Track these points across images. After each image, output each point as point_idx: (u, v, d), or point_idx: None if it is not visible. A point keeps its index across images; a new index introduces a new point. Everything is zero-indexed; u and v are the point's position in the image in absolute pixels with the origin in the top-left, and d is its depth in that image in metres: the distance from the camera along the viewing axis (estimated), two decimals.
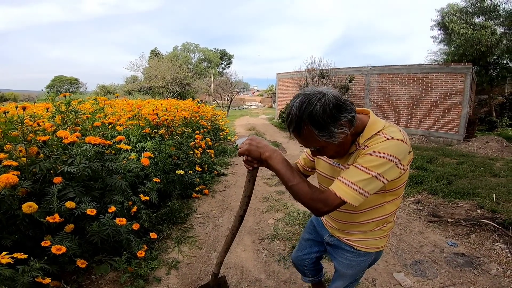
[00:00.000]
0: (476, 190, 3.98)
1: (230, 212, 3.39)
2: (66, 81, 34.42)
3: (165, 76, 20.28)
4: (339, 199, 0.88)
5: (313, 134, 0.87)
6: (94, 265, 2.08)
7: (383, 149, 0.87)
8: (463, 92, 8.53)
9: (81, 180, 2.22)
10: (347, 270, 1.20)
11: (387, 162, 0.86)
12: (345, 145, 0.97)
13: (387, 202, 1.05)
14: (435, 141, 9.08)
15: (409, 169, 1.03)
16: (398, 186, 1.02)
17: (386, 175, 0.88)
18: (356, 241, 1.14)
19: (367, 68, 10.60)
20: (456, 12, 12.16)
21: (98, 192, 2.27)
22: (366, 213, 1.06)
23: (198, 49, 34.73)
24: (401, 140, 0.90)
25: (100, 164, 2.26)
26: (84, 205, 1.93)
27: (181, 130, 4.24)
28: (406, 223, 3.13)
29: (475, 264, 2.31)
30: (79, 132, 2.48)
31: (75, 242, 1.84)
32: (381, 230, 1.11)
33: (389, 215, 1.08)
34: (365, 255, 1.15)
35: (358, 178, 0.87)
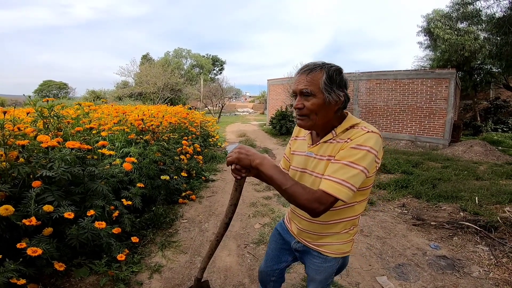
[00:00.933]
0: (459, 193, 4.06)
1: (216, 217, 3.37)
2: (55, 86, 33.90)
3: (156, 82, 20.17)
4: (332, 197, 0.89)
5: (320, 79, 0.95)
6: (74, 268, 2.06)
7: (365, 142, 0.92)
8: (448, 97, 8.75)
9: (61, 185, 2.19)
10: (316, 276, 1.20)
11: (369, 154, 0.90)
12: (326, 117, 1.00)
13: (357, 203, 1.06)
14: (421, 146, 9.26)
15: (395, 174, 1.04)
16: (369, 185, 1.05)
17: (369, 168, 0.91)
18: (323, 246, 1.14)
19: (355, 74, 10.79)
20: (441, 17, 12.42)
21: (79, 196, 2.26)
22: (337, 212, 1.06)
23: (190, 55, 34.74)
24: (378, 134, 0.95)
25: (80, 169, 2.23)
26: (62, 209, 1.92)
27: (168, 136, 4.21)
28: (390, 226, 3.17)
29: (457, 266, 2.34)
30: (61, 137, 2.45)
31: (53, 245, 1.83)
32: (347, 234, 1.12)
33: (356, 217, 1.10)
34: (332, 261, 1.15)
35: (349, 175, 0.89)
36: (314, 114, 0.99)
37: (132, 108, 5.89)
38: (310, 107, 0.97)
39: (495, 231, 2.86)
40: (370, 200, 3.96)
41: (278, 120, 11.80)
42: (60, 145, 2.17)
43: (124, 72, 23.22)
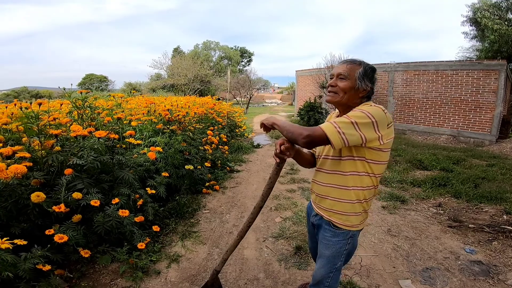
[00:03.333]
0: (504, 195, 3.67)
1: (238, 208, 3.38)
2: (96, 79, 36.24)
3: (186, 74, 20.68)
4: (321, 129, 1.08)
5: (357, 70, 1.20)
6: (99, 255, 2.15)
7: (364, 108, 1.13)
8: (497, 90, 7.90)
9: (92, 173, 2.31)
10: (324, 251, 1.32)
11: (364, 116, 1.08)
12: (350, 99, 1.22)
13: (366, 174, 1.20)
14: (464, 141, 8.51)
15: (432, 171, 1.02)
16: (377, 160, 1.18)
17: (362, 127, 1.08)
18: (334, 215, 1.27)
19: (390, 64, 10.13)
20: (489, 7, 11.49)
21: (108, 184, 2.35)
22: (346, 178, 1.22)
23: (219, 47, 35.02)
24: (381, 108, 1.14)
25: (109, 158, 2.32)
26: (90, 196, 2.00)
27: (194, 126, 4.28)
28: (422, 227, 2.95)
29: (492, 273, 2.12)
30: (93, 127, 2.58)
31: (80, 232, 1.91)
32: (360, 205, 1.24)
33: (367, 189, 1.22)
34: (340, 235, 1.27)
35: (339, 120, 1.11)
36: (343, 93, 1.21)
37: (162, 99, 6.08)
38: (342, 87, 1.21)
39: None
40: (402, 198, 3.72)
41: (306, 112, 11.52)
42: (90, 135, 2.28)
43: (156, 65, 24.10)
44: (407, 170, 5.12)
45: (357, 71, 1.20)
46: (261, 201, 1.35)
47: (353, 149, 1.17)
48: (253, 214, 1.39)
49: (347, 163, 1.20)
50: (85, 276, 2.02)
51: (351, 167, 1.19)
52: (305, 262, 2.27)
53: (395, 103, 10.13)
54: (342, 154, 1.21)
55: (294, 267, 2.22)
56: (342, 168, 1.21)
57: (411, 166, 5.41)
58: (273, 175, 1.27)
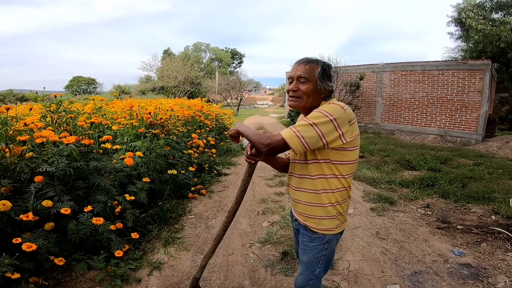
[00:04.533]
0: (492, 194, 3.68)
1: (224, 213, 3.28)
2: (84, 81, 35.57)
3: (177, 76, 20.51)
4: (280, 136, 1.07)
5: (316, 70, 1.16)
6: (75, 263, 2.06)
7: (322, 108, 1.10)
8: (482, 89, 8.05)
9: (66, 180, 2.19)
10: (303, 256, 1.29)
11: (322, 116, 1.05)
12: (314, 101, 1.18)
13: (333, 176, 1.16)
14: (451, 141, 8.64)
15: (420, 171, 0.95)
16: (343, 161, 1.14)
17: (320, 127, 1.04)
18: (310, 219, 1.23)
19: (378, 65, 10.23)
20: (473, 7, 11.69)
21: (83, 191, 2.24)
22: (313, 182, 1.18)
23: (209, 49, 34.88)
24: (339, 105, 1.11)
25: (84, 164, 2.21)
26: (62, 204, 1.91)
27: (179, 129, 4.17)
28: (411, 229, 2.91)
29: (481, 276, 2.08)
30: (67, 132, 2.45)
31: (52, 240, 1.85)
32: (333, 208, 1.19)
33: (335, 191, 1.18)
34: (316, 240, 1.23)
35: (298, 124, 1.10)
36: (306, 97, 1.17)
37: (147, 102, 5.94)
38: (304, 90, 1.16)
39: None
40: (391, 199, 3.69)
41: (296, 113, 11.52)
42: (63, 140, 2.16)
43: (146, 67, 23.84)
44: (396, 171, 5.12)
45: (316, 71, 1.16)
46: (235, 204, 1.33)
47: (317, 152, 1.14)
48: (228, 218, 1.37)
49: (313, 166, 1.17)
50: (61, 284, 1.93)
51: (317, 170, 1.17)
52: (291, 268, 2.20)
53: (383, 104, 10.23)
54: (308, 158, 1.18)
55: (280, 274, 2.14)
56: (309, 172, 1.19)
57: (399, 166, 5.41)
58: (245, 178, 1.28)
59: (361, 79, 10.33)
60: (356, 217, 3.21)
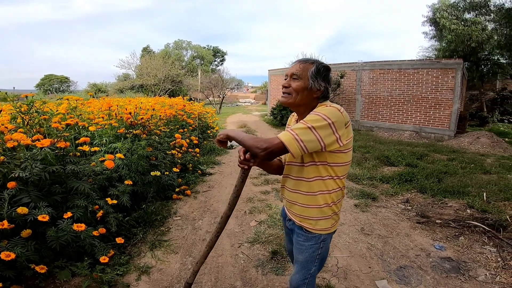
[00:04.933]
0: (466, 189, 3.87)
1: (211, 214, 3.23)
2: (56, 79, 33.82)
3: (157, 74, 19.97)
4: (278, 139, 1.06)
5: (310, 69, 1.17)
6: (58, 270, 1.97)
7: (319, 111, 1.09)
8: (454, 87, 8.47)
9: (40, 185, 2.06)
10: (298, 255, 1.30)
11: (320, 119, 1.06)
12: (304, 99, 1.19)
13: (330, 177, 1.18)
14: (426, 137, 9.03)
15: (398, 167, 0.94)
16: (339, 163, 1.17)
17: (319, 130, 1.05)
18: (306, 220, 1.24)
19: (358, 63, 10.49)
20: (447, 7, 12.11)
21: (60, 196, 2.13)
22: (310, 184, 1.20)
23: (191, 46, 34.26)
24: (336, 108, 1.11)
25: (60, 168, 2.09)
26: (38, 211, 1.82)
27: (161, 129, 4.05)
28: (393, 224, 3.01)
29: (462, 269, 2.18)
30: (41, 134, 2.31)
31: (31, 248, 1.78)
32: (329, 209, 1.21)
33: (333, 192, 1.20)
34: (312, 239, 1.25)
35: (296, 127, 1.08)
36: (295, 93, 1.18)
37: (126, 101, 5.73)
38: (295, 87, 1.18)
39: (503, 230, 2.68)
40: (373, 195, 3.80)
41: (279, 111, 11.57)
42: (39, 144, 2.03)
43: (124, 65, 23.03)
44: (376, 167, 5.27)
45: (309, 70, 1.17)
46: (228, 210, 1.31)
47: (314, 154, 1.15)
48: (221, 224, 1.35)
49: (310, 169, 1.19)
50: None
51: (315, 172, 1.19)
52: (282, 267, 2.20)
53: (362, 101, 10.51)
54: (305, 161, 1.19)
55: (271, 273, 2.14)
56: (306, 174, 1.20)
57: (379, 162, 5.58)
58: (239, 183, 1.25)
59: (342, 77, 10.55)
60: (341, 214, 3.27)
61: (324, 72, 1.19)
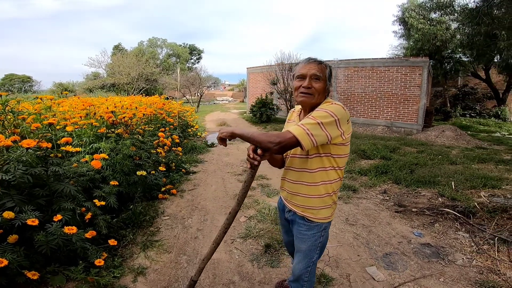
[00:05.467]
0: (436, 178, 4.16)
1: (199, 212, 3.23)
2: (18, 79, 31.51)
3: (130, 72, 19.16)
4: (290, 133, 1.12)
5: (326, 70, 1.26)
6: (49, 275, 1.89)
7: (327, 107, 1.18)
8: (421, 84, 9.03)
9: (23, 188, 1.96)
10: (301, 245, 1.35)
11: (328, 115, 1.14)
12: (321, 99, 1.27)
13: (332, 168, 1.26)
14: (397, 131, 9.55)
15: (374, 160, 1.03)
16: (341, 154, 1.26)
17: (327, 126, 1.13)
18: (308, 210, 1.31)
19: (334, 61, 10.83)
20: (415, 7, 12.68)
21: (44, 199, 2.03)
22: (312, 175, 1.27)
23: (166, 44, 33.26)
24: (341, 106, 1.20)
25: (43, 170, 1.99)
26: (25, 215, 1.75)
27: (143, 128, 3.95)
28: (374, 214, 3.19)
29: (442, 254, 2.36)
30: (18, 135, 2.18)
31: (21, 253, 1.73)
32: (330, 198, 1.30)
33: (333, 182, 1.29)
34: (314, 228, 1.32)
35: (306, 122, 1.15)
36: (318, 94, 1.25)
37: (102, 100, 5.50)
38: (318, 88, 1.24)
39: (473, 217, 2.93)
40: (353, 187, 3.98)
41: (258, 108, 11.65)
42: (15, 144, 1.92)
43: (94, 63, 21.84)
44: (354, 161, 5.51)
45: (326, 71, 1.25)
46: (237, 205, 1.34)
47: (319, 147, 1.22)
48: (229, 219, 1.39)
49: (314, 160, 1.26)
50: None
51: (318, 163, 1.26)
52: (276, 259, 2.27)
53: (338, 98, 10.86)
54: (310, 153, 1.26)
55: (267, 266, 2.20)
56: (310, 165, 1.27)
57: (357, 156, 5.83)
58: (248, 179, 1.29)
59: None
60: None
61: (332, 72, 1.31)
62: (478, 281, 1.99)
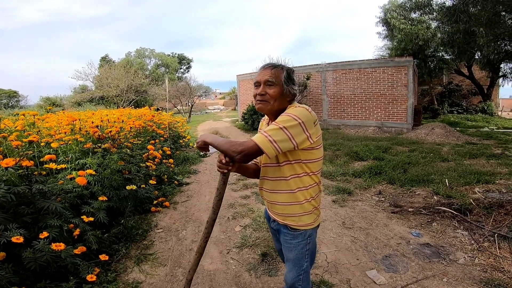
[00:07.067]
0: (429, 177, 4.17)
1: (193, 223, 3.15)
2: (4, 94, 30.82)
3: (118, 84, 18.99)
4: (253, 141, 1.09)
5: (281, 74, 1.21)
6: None
7: (290, 112, 1.14)
8: (407, 83, 9.18)
9: (7, 207, 1.88)
10: (288, 254, 1.32)
11: (291, 119, 1.10)
12: (280, 104, 1.22)
13: (305, 174, 1.23)
14: (388, 131, 9.65)
15: (367, 161, 0.99)
16: (312, 159, 1.22)
17: (291, 130, 1.09)
18: (289, 218, 1.28)
19: (322, 65, 10.95)
20: (396, 8, 12.98)
21: (30, 217, 1.96)
22: (288, 182, 1.23)
23: (154, 54, 33.18)
24: (305, 108, 1.16)
25: (26, 188, 1.91)
26: (10, 233, 1.69)
27: (132, 141, 3.87)
28: (371, 216, 3.16)
29: (442, 254, 2.32)
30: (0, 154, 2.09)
31: (9, 270, 1.67)
32: (309, 204, 1.26)
33: (310, 187, 1.25)
34: (299, 237, 1.28)
35: (269, 129, 1.11)
36: (273, 100, 1.21)
37: (89, 113, 5.39)
38: (272, 94, 1.20)
39: (470, 214, 2.91)
40: (348, 190, 3.96)
41: (250, 115, 11.64)
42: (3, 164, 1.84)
43: (80, 76, 21.57)
44: (347, 163, 5.51)
45: (281, 75, 1.21)
46: (213, 213, 1.30)
47: (288, 154, 1.19)
48: (208, 228, 1.34)
49: (286, 168, 1.22)
50: None
51: (290, 171, 1.22)
52: (274, 268, 2.21)
53: (328, 101, 10.96)
54: (280, 161, 1.22)
55: (265, 275, 2.14)
56: (283, 173, 1.23)
57: (350, 158, 5.84)
58: (220, 186, 1.26)
59: (308, 79, 10.92)
60: (322, 210, 3.35)
61: (292, 75, 1.25)
62: (483, 280, 1.96)
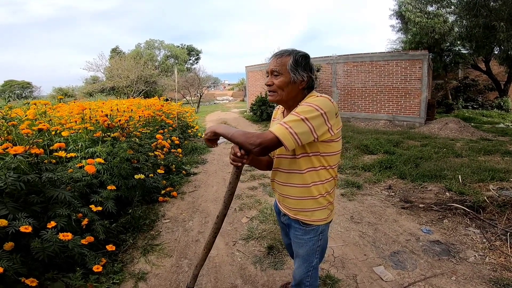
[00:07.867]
0: (442, 172, 4.06)
1: (200, 214, 3.16)
2: (18, 85, 31.62)
3: (128, 75, 19.13)
4: (272, 133, 1.02)
5: (288, 62, 1.13)
6: (49, 282, 1.84)
7: (311, 101, 1.07)
8: (422, 77, 8.91)
9: (17, 195, 1.90)
10: (299, 249, 1.29)
11: (313, 110, 1.03)
12: (291, 93, 1.16)
13: (322, 167, 1.17)
14: (399, 125, 9.44)
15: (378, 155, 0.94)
16: (331, 152, 1.16)
17: (313, 121, 1.03)
18: (301, 213, 1.23)
19: (333, 57, 10.72)
20: (412, 1, 12.59)
21: (39, 206, 1.98)
22: (303, 176, 1.17)
23: (163, 46, 33.16)
24: (327, 98, 1.09)
25: (36, 176, 1.93)
26: (19, 222, 1.70)
27: (141, 131, 3.89)
28: (380, 211, 3.10)
29: (452, 252, 2.26)
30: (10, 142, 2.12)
31: (17, 261, 1.67)
32: (324, 199, 1.21)
33: (326, 182, 1.19)
34: (311, 232, 1.24)
35: (289, 119, 1.04)
36: (281, 90, 1.15)
37: (100, 103, 5.44)
38: (278, 84, 1.15)
39: (483, 211, 2.82)
40: (357, 184, 3.90)
41: (258, 106, 11.57)
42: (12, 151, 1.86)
43: (92, 67, 21.80)
44: (357, 156, 5.42)
45: (288, 63, 1.13)
46: (224, 208, 1.27)
47: (306, 145, 1.12)
48: (218, 223, 1.32)
49: (303, 160, 1.16)
50: None
51: (307, 163, 1.16)
52: (280, 261, 2.20)
53: (339, 93, 10.77)
54: (296, 153, 1.16)
55: (270, 268, 2.13)
56: (299, 166, 1.18)
57: (359, 151, 5.74)
58: (233, 180, 1.22)
59: (318, 71, 10.72)
60: None
61: (303, 61, 1.14)
62: (492, 279, 1.90)
